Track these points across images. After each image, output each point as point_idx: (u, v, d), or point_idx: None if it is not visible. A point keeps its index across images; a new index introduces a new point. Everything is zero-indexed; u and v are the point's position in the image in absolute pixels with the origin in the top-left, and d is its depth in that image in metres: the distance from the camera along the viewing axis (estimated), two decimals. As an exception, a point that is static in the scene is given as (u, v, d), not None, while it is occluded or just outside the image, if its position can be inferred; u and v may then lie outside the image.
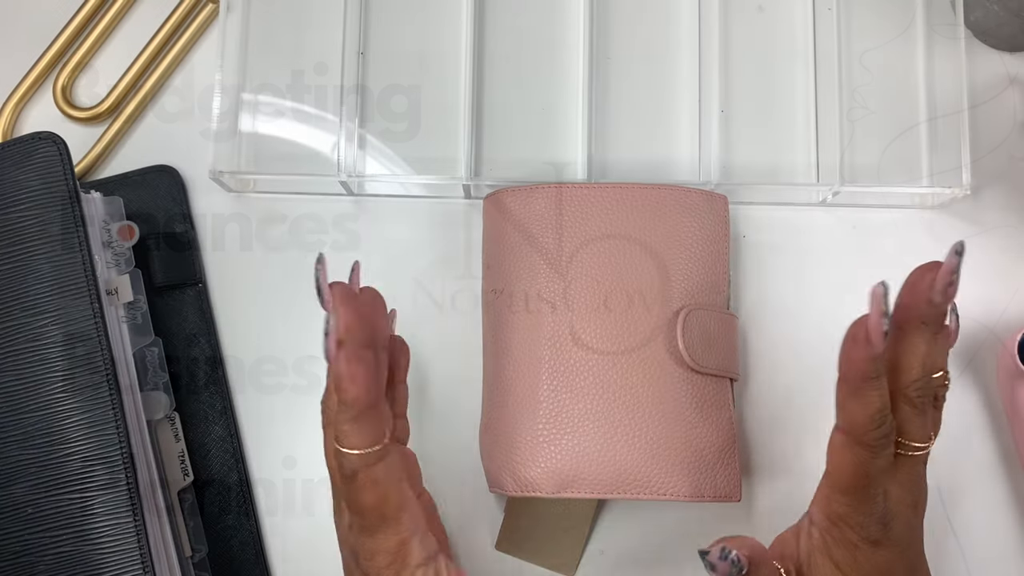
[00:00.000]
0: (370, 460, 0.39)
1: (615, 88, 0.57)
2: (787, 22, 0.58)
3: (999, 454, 0.54)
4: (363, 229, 0.56)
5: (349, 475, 0.39)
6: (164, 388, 0.52)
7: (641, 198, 0.51)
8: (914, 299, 0.40)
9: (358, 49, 0.56)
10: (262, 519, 0.53)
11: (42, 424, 0.46)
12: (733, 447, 0.49)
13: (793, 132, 0.57)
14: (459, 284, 0.55)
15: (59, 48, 0.58)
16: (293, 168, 0.56)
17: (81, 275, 0.47)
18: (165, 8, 0.58)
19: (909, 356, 0.40)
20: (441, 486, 0.54)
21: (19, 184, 0.48)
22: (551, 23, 0.57)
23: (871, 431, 0.38)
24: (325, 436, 0.43)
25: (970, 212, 0.56)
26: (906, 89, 0.57)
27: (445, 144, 0.56)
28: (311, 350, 0.55)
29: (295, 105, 0.57)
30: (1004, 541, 0.53)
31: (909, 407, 0.40)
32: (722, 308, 0.51)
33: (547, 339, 0.49)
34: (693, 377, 0.49)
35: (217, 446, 0.54)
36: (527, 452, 0.48)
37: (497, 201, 0.52)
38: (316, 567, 0.53)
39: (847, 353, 0.38)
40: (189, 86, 0.58)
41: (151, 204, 0.56)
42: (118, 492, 0.45)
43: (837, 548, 0.40)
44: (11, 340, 0.46)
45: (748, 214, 0.56)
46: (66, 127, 0.57)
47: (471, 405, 0.53)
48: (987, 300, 0.55)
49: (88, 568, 0.45)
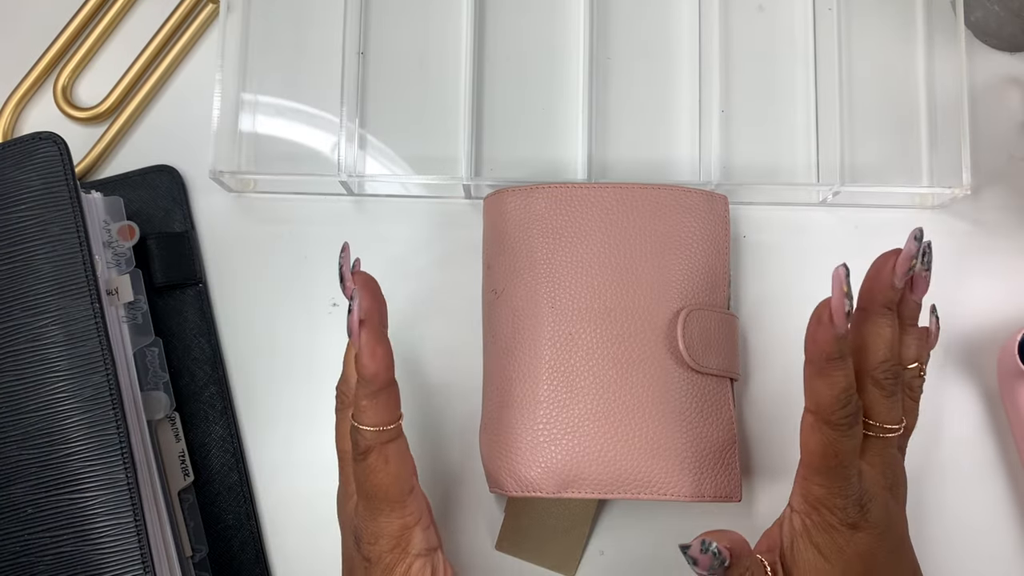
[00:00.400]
0: (384, 438, 0.42)
1: (615, 88, 0.57)
2: (787, 22, 0.58)
3: (999, 454, 0.54)
4: (363, 229, 0.56)
5: (363, 452, 0.42)
6: (164, 388, 0.52)
7: (641, 198, 0.51)
8: (877, 284, 0.42)
9: (358, 49, 0.56)
10: (262, 519, 0.53)
11: (42, 424, 0.46)
12: (733, 447, 0.49)
13: (793, 132, 0.57)
14: (459, 284, 0.55)
15: (59, 48, 0.58)
16: (293, 168, 0.56)
17: (81, 275, 0.47)
18: (165, 8, 0.58)
19: (874, 339, 0.41)
20: (441, 486, 0.54)
21: (19, 184, 0.48)
22: (551, 23, 0.57)
23: (837, 411, 0.39)
24: (338, 420, 0.46)
25: (970, 212, 0.56)
26: (906, 89, 0.57)
27: (445, 144, 0.56)
28: (311, 350, 0.55)
29: (295, 105, 0.57)
30: (1005, 541, 0.53)
31: (877, 389, 0.41)
32: (722, 308, 0.51)
33: (547, 339, 0.49)
34: (693, 377, 0.49)
35: (217, 446, 0.54)
36: (527, 452, 0.48)
37: (497, 201, 0.52)
38: (316, 567, 0.53)
39: (812, 334, 0.40)
40: (189, 86, 0.58)
41: (151, 204, 0.56)
42: (118, 492, 0.45)
43: (818, 532, 0.41)
44: (11, 340, 0.46)
45: (748, 214, 0.56)
46: (66, 127, 0.57)
47: (471, 405, 0.53)
48: (987, 300, 0.55)
49: (88, 568, 0.45)
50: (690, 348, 0.48)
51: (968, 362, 0.55)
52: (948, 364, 0.55)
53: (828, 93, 0.56)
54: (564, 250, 0.50)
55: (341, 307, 0.55)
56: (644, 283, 0.50)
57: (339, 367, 0.55)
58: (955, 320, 0.55)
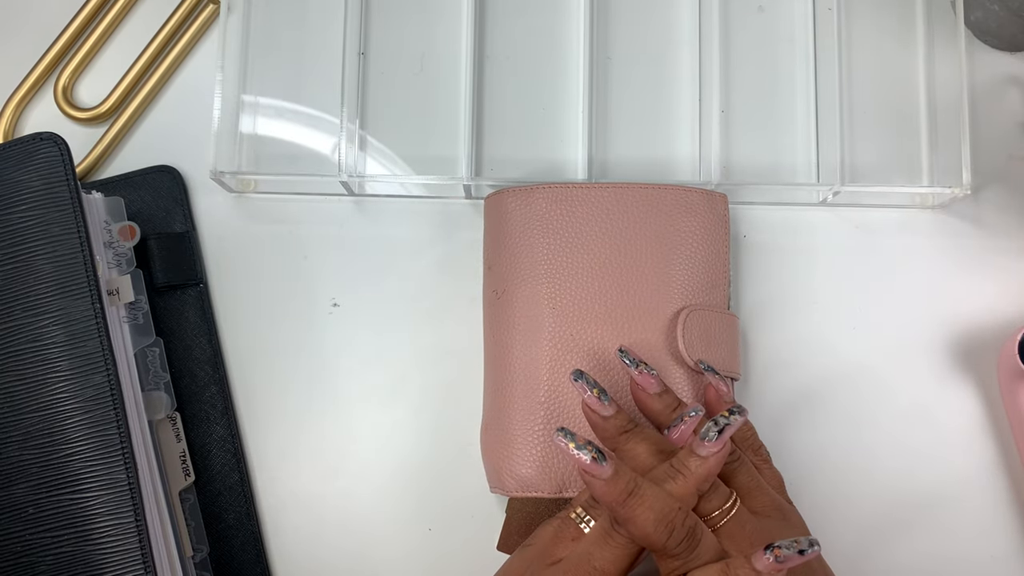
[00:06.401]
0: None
1: (615, 88, 0.57)
2: (787, 22, 0.58)
3: (999, 454, 0.54)
4: (363, 229, 0.56)
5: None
6: (165, 388, 0.52)
7: (641, 198, 0.51)
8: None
9: (358, 49, 0.56)
10: (262, 519, 0.54)
11: (43, 424, 0.46)
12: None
13: (793, 132, 0.57)
14: (460, 284, 0.55)
15: (60, 48, 0.58)
16: (294, 168, 0.56)
17: (82, 275, 0.47)
18: (166, 9, 0.58)
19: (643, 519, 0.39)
20: (441, 486, 0.54)
21: (20, 185, 0.48)
22: (551, 23, 0.57)
23: (665, 541, 0.39)
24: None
25: (970, 212, 0.56)
26: (906, 89, 0.57)
27: (445, 144, 0.56)
28: (311, 350, 0.55)
29: (295, 105, 0.57)
30: (1005, 541, 0.53)
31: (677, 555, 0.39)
32: (722, 308, 0.51)
33: (547, 339, 0.49)
34: (693, 377, 0.49)
35: (218, 446, 0.54)
36: (528, 452, 0.48)
37: (498, 201, 0.52)
38: (316, 567, 0.53)
39: (591, 489, 0.40)
40: (190, 86, 0.58)
41: (152, 204, 0.56)
42: (119, 492, 0.45)
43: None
44: (12, 340, 0.46)
45: (748, 214, 0.56)
46: (67, 127, 0.57)
47: (471, 405, 0.53)
48: (987, 300, 0.55)
49: (89, 568, 0.45)
50: (690, 348, 0.49)
51: (968, 362, 0.55)
52: (948, 364, 0.55)
53: (828, 93, 0.56)
54: (564, 250, 0.50)
55: (341, 307, 0.55)
56: (644, 283, 0.50)
57: (339, 367, 0.55)
58: (955, 320, 0.55)
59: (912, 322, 0.55)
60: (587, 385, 0.44)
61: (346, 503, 0.53)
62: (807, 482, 0.53)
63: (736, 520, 0.41)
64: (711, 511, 0.41)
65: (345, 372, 0.55)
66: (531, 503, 0.49)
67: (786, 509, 0.44)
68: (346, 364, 0.55)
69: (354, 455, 0.54)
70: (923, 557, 0.53)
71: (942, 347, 0.55)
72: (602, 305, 0.49)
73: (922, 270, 0.56)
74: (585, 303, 0.49)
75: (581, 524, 0.42)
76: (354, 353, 0.55)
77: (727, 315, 0.51)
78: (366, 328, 0.55)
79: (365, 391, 0.54)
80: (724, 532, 0.41)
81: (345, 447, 0.54)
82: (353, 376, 0.54)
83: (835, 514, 0.53)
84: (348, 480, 0.54)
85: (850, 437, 0.54)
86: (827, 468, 0.54)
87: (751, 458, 0.46)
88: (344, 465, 0.54)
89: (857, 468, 0.54)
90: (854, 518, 0.53)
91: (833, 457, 0.54)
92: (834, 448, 0.54)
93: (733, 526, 0.41)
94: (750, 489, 0.43)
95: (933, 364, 0.55)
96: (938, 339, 0.55)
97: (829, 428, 0.54)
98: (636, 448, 0.44)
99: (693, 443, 0.41)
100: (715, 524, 0.41)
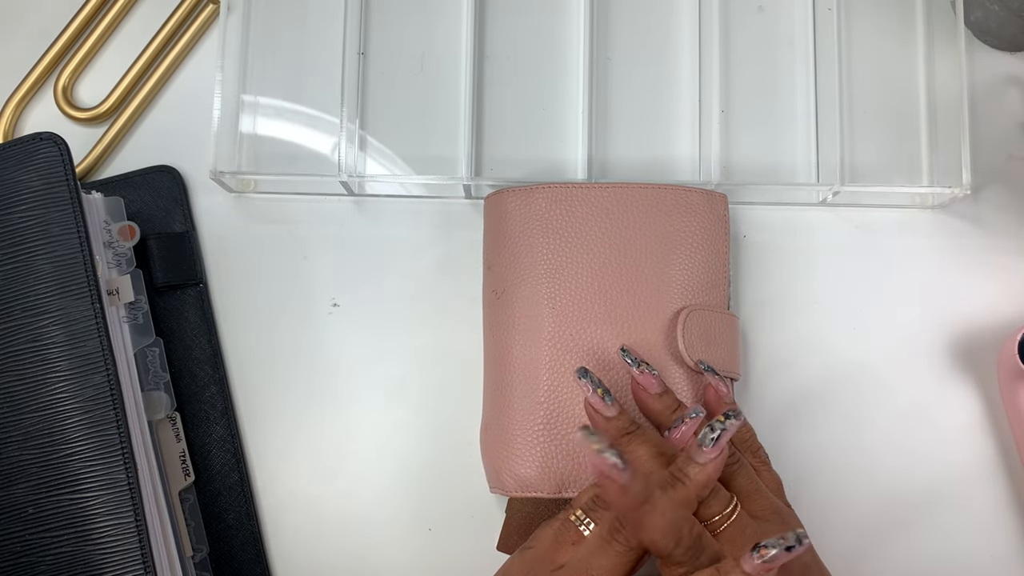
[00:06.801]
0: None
1: (615, 88, 0.57)
2: (787, 22, 0.58)
3: (999, 454, 0.54)
4: (363, 229, 0.56)
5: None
6: (165, 388, 0.52)
7: (641, 198, 0.51)
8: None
9: (358, 49, 0.56)
10: (262, 519, 0.54)
11: (43, 424, 0.46)
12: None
13: (793, 132, 0.57)
14: (459, 285, 0.55)
15: (60, 48, 0.58)
16: (294, 168, 0.56)
17: (82, 275, 0.47)
18: (166, 8, 0.58)
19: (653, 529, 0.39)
20: (441, 486, 0.54)
21: (20, 185, 0.48)
22: (551, 23, 0.57)
23: (671, 549, 0.38)
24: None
25: (970, 212, 0.56)
26: (906, 89, 0.57)
27: (445, 144, 0.56)
28: (311, 350, 0.55)
29: (295, 105, 0.57)
30: (1005, 541, 0.53)
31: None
32: (722, 308, 0.51)
33: (547, 339, 0.49)
34: (693, 377, 0.49)
35: (218, 446, 0.54)
36: (527, 452, 0.48)
37: (498, 201, 0.52)
38: (316, 567, 0.53)
39: (607, 497, 0.39)
40: (190, 87, 0.58)
41: (152, 204, 0.56)
42: (119, 492, 0.45)
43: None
44: (12, 340, 0.46)
45: (748, 214, 0.56)
46: (67, 127, 0.57)
47: (471, 406, 0.53)
48: (987, 300, 0.55)
49: (89, 568, 0.45)
50: (690, 348, 0.49)
51: (968, 362, 0.55)
52: (948, 364, 0.55)
53: (828, 93, 0.56)
54: (564, 250, 0.50)
55: (341, 307, 0.55)
56: (644, 283, 0.50)
57: (339, 367, 0.55)
58: (955, 320, 0.55)
59: (912, 322, 0.55)
60: (591, 384, 0.44)
61: (346, 503, 0.53)
62: (806, 482, 0.53)
63: (736, 525, 0.41)
64: (712, 516, 0.41)
65: (345, 372, 0.55)
66: (531, 503, 0.49)
67: (785, 513, 0.44)
68: (346, 364, 0.55)
69: (354, 455, 0.54)
70: (923, 557, 0.53)
71: (942, 347, 0.55)
72: (602, 305, 0.49)
73: (922, 270, 0.56)
74: (585, 303, 0.49)
75: (581, 526, 0.42)
76: (354, 353, 0.55)
77: (727, 315, 0.51)
78: (366, 328, 0.55)
79: (365, 391, 0.54)
80: (725, 537, 0.41)
81: (345, 447, 0.54)
82: (353, 376, 0.54)
83: (834, 514, 0.53)
84: (348, 480, 0.54)
85: (849, 437, 0.54)
86: (826, 468, 0.54)
87: (750, 460, 0.46)
88: (344, 465, 0.54)
89: (856, 468, 0.54)
90: (853, 518, 0.53)
91: (832, 457, 0.54)
92: (833, 448, 0.54)
93: (733, 531, 0.41)
94: (749, 492, 0.43)
95: (933, 364, 0.55)
96: (938, 339, 0.55)
97: (829, 428, 0.54)
98: (637, 450, 0.44)
99: (691, 450, 0.41)
100: (716, 529, 0.41)
